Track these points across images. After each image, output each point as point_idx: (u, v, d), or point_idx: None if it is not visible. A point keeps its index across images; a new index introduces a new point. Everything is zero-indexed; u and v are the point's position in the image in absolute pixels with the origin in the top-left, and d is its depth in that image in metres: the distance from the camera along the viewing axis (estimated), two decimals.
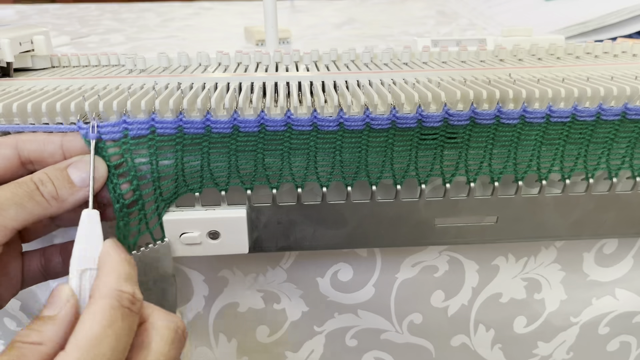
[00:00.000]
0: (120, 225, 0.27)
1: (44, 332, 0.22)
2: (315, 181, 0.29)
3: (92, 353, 0.21)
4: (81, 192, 0.25)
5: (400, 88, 0.29)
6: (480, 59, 0.38)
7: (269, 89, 0.31)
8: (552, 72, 0.33)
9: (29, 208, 0.24)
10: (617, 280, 0.38)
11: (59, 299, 0.23)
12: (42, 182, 0.25)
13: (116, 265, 0.24)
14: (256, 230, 0.30)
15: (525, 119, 0.28)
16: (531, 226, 0.32)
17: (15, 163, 0.26)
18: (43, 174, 0.25)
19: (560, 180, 0.30)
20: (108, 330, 0.21)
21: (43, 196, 0.24)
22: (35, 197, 0.24)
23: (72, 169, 0.26)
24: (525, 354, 0.40)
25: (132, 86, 0.30)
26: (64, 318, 0.22)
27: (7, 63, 0.34)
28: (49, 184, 0.25)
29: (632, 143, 0.29)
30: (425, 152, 0.29)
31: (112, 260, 0.24)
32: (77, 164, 0.26)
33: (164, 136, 0.27)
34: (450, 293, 0.37)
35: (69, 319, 0.22)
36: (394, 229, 0.31)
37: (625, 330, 0.40)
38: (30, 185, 0.24)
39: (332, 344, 0.39)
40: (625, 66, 0.34)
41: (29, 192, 0.24)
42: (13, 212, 0.23)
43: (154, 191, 0.28)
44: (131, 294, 0.23)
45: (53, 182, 0.25)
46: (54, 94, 0.29)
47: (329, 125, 0.27)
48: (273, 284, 0.37)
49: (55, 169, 0.25)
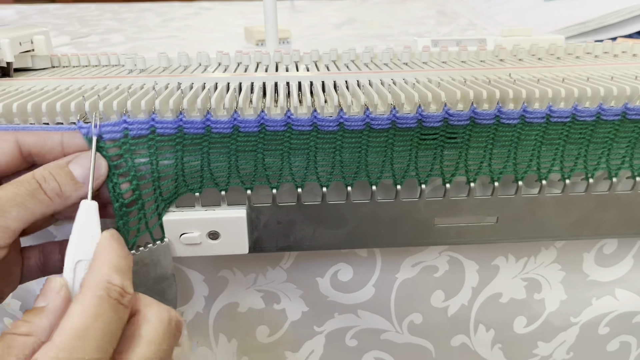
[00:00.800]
0: (119, 225, 0.27)
1: (33, 323, 0.22)
2: (315, 181, 0.29)
3: (77, 343, 0.21)
4: (84, 188, 0.25)
5: (400, 88, 0.29)
6: (480, 59, 0.38)
7: (269, 89, 0.31)
8: (552, 72, 0.33)
9: (32, 207, 0.24)
10: (617, 280, 0.38)
11: (50, 290, 0.23)
12: (44, 180, 0.24)
13: (109, 257, 0.24)
14: (256, 230, 0.30)
15: (525, 119, 0.28)
16: (531, 226, 0.32)
17: (17, 156, 0.26)
18: (45, 171, 0.25)
19: (560, 180, 0.30)
20: (95, 322, 0.21)
21: (46, 194, 0.24)
22: (37, 195, 0.24)
23: (73, 165, 0.25)
24: (525, 354, 0.40)
25: (132, 86, 0.30)
26: (54, 309, 0.22)
27: (7, 63, 0.34)
28: (51, 181, 0.24)
29: (632, 143, 0.29)
30: (425, 152, 0.29)
31: (105, 252, 0.24)
32: (78, 159, 0.26)
33: (164, 136, 0.27)
34: (450, 293, 0.37)
35: (59, 310, 0.22)
36: (394, 229, 0.31)
37: (625, 331, 0.40)
38: (32, 183, 0.24)
39: (332, 344, 0.39)
40: (625, 66, 0.34)
41: (31, 191, 0.24)
42: (15, 212, 0.23)
43: (153, 191, 0.28)
44: (120, 286, 0.23)
45: (56, 179, 0.24)
46: (54, 94, 0.29)
47: (329, 125, 0.27)
48: (273, 284, 0.37)
49: (57, 166, 0.25)
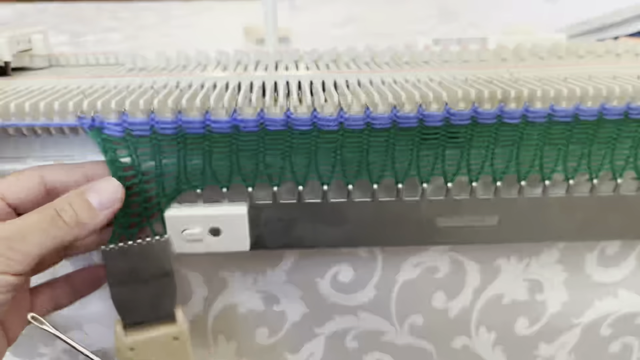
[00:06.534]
0: (119, 215, 0.27)
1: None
2: (316, 180, 0.29)
3: None
4: (101, 215, 0.26)
5: (401, 87, 0.29)
6: (481, 58, 0.37)
7: (268, 88, 0.30)
8: (554, 71, 0.33)
9: (52, 234, 0.24)
10: (619, 281, 0.38)
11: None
12: (62, 209, 0.25)
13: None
14: (257, 227, 0.30)
15: (527, 118, 0.28)
16: (534, 227, 0.31)
17: (42, 192, 0.27)
18: (63, 200, 0.25)
19: (563, 180, 0.30)
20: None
21: (65, 222, 0.25)
22: (57, 223, 0.25)
23: (90, 193, 0.26)
24: (527, 355, 0.40)
25: (131, 85, 0.30)
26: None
27: (5, 62, 0.33)
28: (69, 210, 0.25)
29: (635, 143, 0.29)
30: (426, 151, 0.28)
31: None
32: (95, 186, 0.26)
33: (164, 136, 0.27)
34: (451, 294, 0.37)
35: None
36: (395, 228, 0.31)
37: (628, 332, 0.40)
38: (51, 212, 0.25)
39: (332, 346, 0.39)
40: (628, 65, 0.34)
41: (50, 218, 0.25)
42: (37, 239, 0.24)
43: (154, 188, 0.28)
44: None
45: (73, 207, 0.25)
46: (52, 93, 0.28)
47: (329, 125, 0.27)
48: (273, 285, 0.36)
49: (75, 195, 0.26)
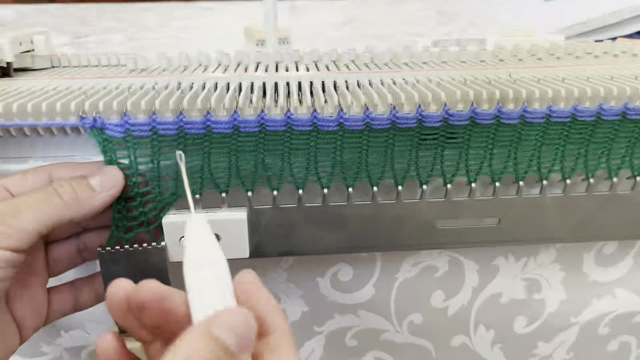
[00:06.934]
0: (116, 217, 0.27)
1: None
2: (316, 182, 0.29)
3: None
4: (100, 195, 0.26)
5: (401, 88, 0.29)
6: (480, 59, 0.38)
7: (269, 89, 0.31)
8: (552, 72, 0.33)
9: (47, 210, 0.24)
10: (617, 281, 0.38)
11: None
12: (60, 185, 0.25)
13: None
14: (257, 233, 0.30)
15: (525, 119, 0.28)
16: (533, 228, 0.32)
17: None
18: (62, 179, 0.26)
19: (560, 180, 0.30)
20: None
21: (61, 197, 0.25)
22: (53, 199, 0.25)
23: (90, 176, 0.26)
24: (525, 354, 0.40)
25: (132, 86, 0.30)
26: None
27: (7, 63, 0.34)
28: (67, 187, 0.25)
29: (632, 143, 0.29)
30: (425, 152, 0.29)
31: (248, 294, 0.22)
32: (96, 172, 0.27)
33: (164, 136, 0.27)
34: (450, 293, 0.37)
35: None
36: (395, 231, 0.31)
37: (625, 331, 0.40)
38: (49, 189, 0.25)
39: (332, 344, 0.39)
40: (625, 66, 0.34)
41: (46, 195, 0.25)
42: (31, 214, 0.24)
43: (153, 190, 0.28)
44: None
45: (71, 184, 0.25)
46: (54, 94, 0.29)
47: (329, 126, 0.27)
48: (273, 284, 0.37)
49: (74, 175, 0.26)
